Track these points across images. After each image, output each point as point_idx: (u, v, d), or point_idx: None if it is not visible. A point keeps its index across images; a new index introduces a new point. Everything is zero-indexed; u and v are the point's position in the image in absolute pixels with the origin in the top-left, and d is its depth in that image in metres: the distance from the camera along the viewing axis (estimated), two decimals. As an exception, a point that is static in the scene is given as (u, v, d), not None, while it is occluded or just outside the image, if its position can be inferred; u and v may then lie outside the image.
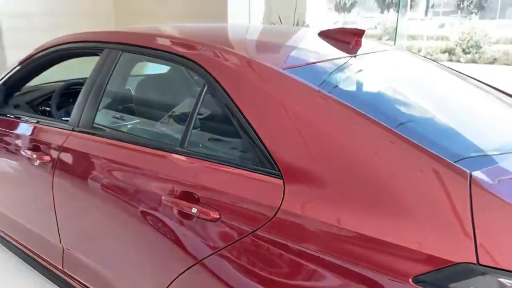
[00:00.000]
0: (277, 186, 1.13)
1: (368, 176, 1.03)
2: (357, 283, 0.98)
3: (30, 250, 2.12)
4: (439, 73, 1.76)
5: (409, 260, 0.93)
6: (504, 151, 1.16)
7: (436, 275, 0.89)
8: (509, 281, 0.84)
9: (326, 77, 1.36)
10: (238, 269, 1.16)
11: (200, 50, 1.41)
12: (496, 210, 0.92)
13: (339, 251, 1.01)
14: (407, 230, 0.95)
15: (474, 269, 0.86)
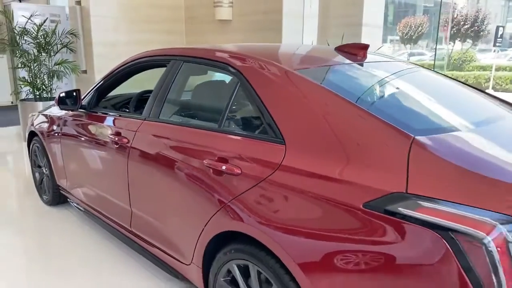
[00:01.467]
0: (280, 149, 1.59)
1: (342, 139, 1.46)
2: (331, 210, 1.39)
3: (107, 216, 2.72)
4: (420, 73, 2.15)
5: (362, 192, 1.33)
6: (449, 130, 1.52)
7: (379, 201, 1.29)
8: (422, 202, 1.21)
9: (322, 75, 1.82)
10: (252, 205, 1.62)
11: (233, 57, 1.95)
12: (425, 161, 1.30)
13: (317, 189, 1.43)
14: (364, 173, 1.36)
15: (404, 196, 1.25)
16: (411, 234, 1.21)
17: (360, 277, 1.32)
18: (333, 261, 1.37)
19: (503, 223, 1.11)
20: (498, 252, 1.10)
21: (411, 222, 1.21)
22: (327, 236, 1.39)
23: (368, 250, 1.29)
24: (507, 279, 1.09)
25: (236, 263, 1.74)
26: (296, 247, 1.46)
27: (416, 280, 1.21)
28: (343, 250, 1.35)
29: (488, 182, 1.20)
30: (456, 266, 1.13)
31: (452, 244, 1.14)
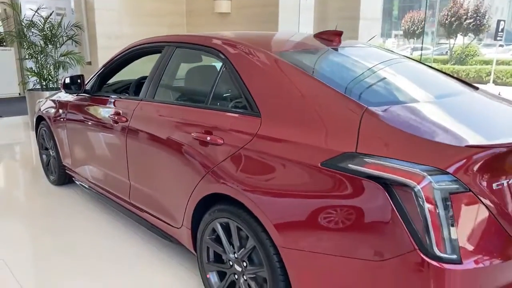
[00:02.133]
0: (257, 121, 1.83)
1: (306, 110, 1.69)
2: (295, 170, 1.62)
3: (108, 191, 2.98)
4: (387, 56, 2.38)
5: (320, 153, 1.56)
6: (400, 103, 1.75)
7: (334, 160, 1.52)
8: (368, 159, 1.44)
9: (295, 57, 2.05)
10: (232, 169, 1.86)
11: (216, 40, 2.19)
12: (373, 126, 1.53)
13: (285, 153, 1.66)
14: (322, 138, 1.59)
15: (354, 155, 1.48)
16: (359, 186, 1.44)
17: (320, 226, 1.55)
18: (297, 213, 1.61)
19: (431, 174, 1.34)
20: (426, 197, 1.32)
21: (359, 176, 1.44)
22: (292, 192, 1.62)
23: (327, 204, 1.53)
24: (433, 219, 1.32)
25: (219, 221, 1.98)
26: (268, 203, 1.70)
27: (364, 224, 1.44)
28: (305, 203, 1.59)
29: (421, 142, 1.43)
30: (393, 211, 1.36)
31: (390, 192, 1.37)
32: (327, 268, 1.56)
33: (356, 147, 1.50)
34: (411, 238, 1.34)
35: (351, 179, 1.46)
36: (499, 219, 1.38)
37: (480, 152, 1.36)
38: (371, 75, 2.02)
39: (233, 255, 1.96)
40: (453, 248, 1.32)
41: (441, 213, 1.32)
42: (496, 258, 1.38)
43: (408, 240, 1.34)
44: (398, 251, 1.36)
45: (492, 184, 1.38)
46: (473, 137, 1.49)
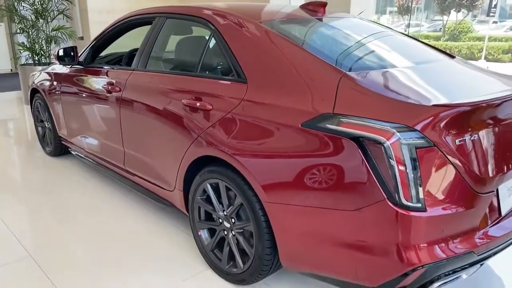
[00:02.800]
0: (243, 87, 1.94)
1: (289, 75, 1.80)
2: (278, 131, 1.75)
3: (103, 159, 3.10)
4: (368, 26, 2.49)
5: (301, 115, 1.68)
6: (377, 68, 1.87)
7: (313, 120, 1.64)
8: (344, 119, 1.57)
9: (280, 26, 2.15)
10: (220, 133, 1.98)
11: (210, 13, 2.27)
12: (350, 89, 1.65)
13: (269, 115, 1.79)
14: (303, 101, 1.71)
15: (331, 115, 1.61)
16: (336, 144, 1.57)
17: (302, 181, 1.69)
18: (280, 170, 1.75)
19: (400, 131, 1.47)
20: (395, 152, 1.46)
21: (336, 134, 1.57)
22: (276, 151, 1.76)
23: (308, 161, 1.66)
24: (400, 172, 1.46)
25: (209, 182, 2.12)
26: (253, 163, 1.83)
27: (341, 178, 1.58)
28: (288, 161, 1.72)
29: (392, 102, 1.55)
30: (366, 165, 1.50)
31: (364, 149, 1.51)
32: (307, 219, 1.71)
33: (333, 108, 1.62)
34: (382, 189, 1.48)
35: (329, 137, 1.59)
36: (461, 171, 1.52)
37: (445, 110, 1.49)
38: (352, 44, 2.14)
39: (222, 212, 2.10)
40: (418, 198, 1.47)
41: (408, 166, 1.46)
42: (456, 207, 1.53)
43: (379, 191, 1.48)
44: (370, 201, 1.51)
45: (455, 140, 1.52)
46: (440, 97, 1.62)
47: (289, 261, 1.85)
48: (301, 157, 1.68)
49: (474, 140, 1.57)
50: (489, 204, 1.64)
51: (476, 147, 1.58)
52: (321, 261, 1.73)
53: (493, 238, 1.65)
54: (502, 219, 1.72)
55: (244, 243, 2.01)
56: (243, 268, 2.03)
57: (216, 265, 2.20)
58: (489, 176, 1.61)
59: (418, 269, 1.50)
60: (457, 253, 1.54)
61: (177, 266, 2.29)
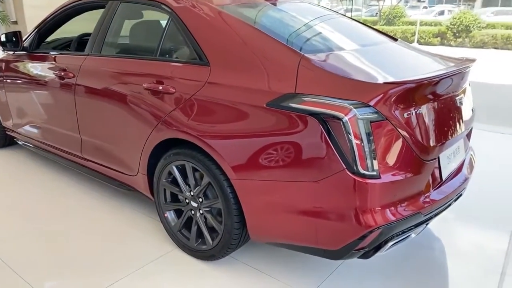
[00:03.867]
0: (206, 70, 2.00)
1: (251, 58, 1.89)
2: (242, 111, 1.84)
3: (57, 148, 3.02)
4: (320, 11, 2.65)
5: (265, 95, 1.79)
6: (332, 50, 2.02)
7: (277, 100, 1.75)
8: (306, 97, 1.70)
9: (239, 10, 2.23)
10: (184, 115, 2.04)
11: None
12: (309, 70, 1.77)
13: (234, 97, 1.87)
14: (266, 82, 1.81)
15: (293, 94, 1.73)
16: (299, 121, 1.70)
17: (268, 158, 1.80)
18: (247, 149, 1.85)
19: (356, 107, 1.62)
20: (352, 126, 1.61)
21: (298, 112, 1.69)
22: (242, 131, 1.85)
23: (273, 138, 1.77)
24: (357, 144, 1.62)
25: (175, 164, 2.18)
26: (221, 143, 1.92)
27: (305, 152, 1.71)
28: (254, 139, 1.82)
29: (348, 81, 1.70)
30: (327, 139, 1.64)
31: (324, 124, 1.65)
32: (274, 192, 1.83)
33: (295, 88, 1.74)
34: (341, 160, 1.63)
35: (293, 115, 1.71)
36: (408, 141, 1.71)
37: (394, 87, 1.66)
38: (306, 27, 2.26)
39: (189, 193, 2.17)
40: (373, 166, 1.64)
41: (364, 138, 1.62)
42: (406, 173, 1.72)
43: (339, 162, 1.63)
44: (332, 171, 1.66)
45: (403, 114, 1.70)
46: (389, 76, 1.79)
47: (257, 233, 1.97)
48: (266, 135, 1.79)
49: (418, 114, 1.76)
50: (432, 171, 1.86)
51: (421, 120, 1.78)
52: (287, 231, 1.87)
53: (436, 200, 1.87)
54: (443, 183, 1.96)
55: (213, 220, 2.10)
56: (213, 244, 2.12)
57: (184, 244, 2.27)
58: (432, 145, 1.82)
59: (375, 231, 1.68)
60: (407, 215, 1.74)
61: (144, 249, 2.33)
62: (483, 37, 16.58)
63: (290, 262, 2.21)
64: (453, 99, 2.00)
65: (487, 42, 16.46)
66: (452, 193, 1.98)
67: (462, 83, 2.09)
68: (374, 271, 2.16)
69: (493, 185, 3.20)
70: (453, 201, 2.05)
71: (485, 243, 2.42)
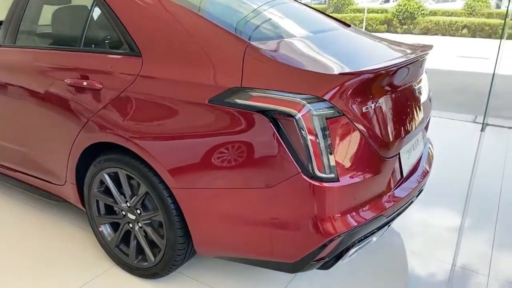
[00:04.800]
0: (138, 61, 1.72)
1: (190, 47, 1.63)
2: (181, 110, 1.59)
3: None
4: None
5: (207, 90, 1.54)
6: (280, 37, 1.81)
7: (221, 95, 1.52)
8: (253, 92, 1.47)
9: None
10: (117, 114, 1.75)
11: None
12: (256, 60, 1.55)
13: (171, 93, 1.61)
14: (208, 75, 1.57)
15: (239, 89, 1.49)
16: (246, 119, 1.47)
17: (213, 163, 1.56)
18: (188, 153, 1.60)
19: (310, 102, 1.42)
20: (306, 124, 1.41)
21: (246, 109, 1.47)
22: (182, 133, 1.60)
23: (217, 140, 1.53)
24: (313, 144, 1.42)
25: (107, 172, 1.89)
26: (157, 146, 1.65)
27: (254, 155, 1.49)
28: (196, 142, 1.58)
29: (300, 73, 1.49)
30: (279, 140, 1.43)
31: (275, 123, 1.43)
32: (221, 201, 1.60)
33: (241, 81, 1.51)
34: (295, 163, 1.43)
35: (239, 113, 1.48)
36: (368, 138, 1.54)
37: (351, 78, 1.48)
38: (252, 13, 2.02)
39: (125, 204, 1.90)
40: (331, 168, 1.45)
41: (320, 137, 1.42)
42: (366, 173, 1.55)
43: (293, 165, 1.43)
44: (285, 176, 1.45)
45: (361, 108, 1.52)
46: (344, 66, 1.61)
47: (204, 247, 1.74)
48: (209, 136, 1.55)
49: (377, 107, 1.59)
50: (393, 168, 1.71)
51: (380, 114, 1.61)
52: (238, 243, 1.66)
53: (398, 199, 1.73)
54: (404, 181, 1.82)
55: (154, 235, 1.85)
56: (155, 261, 1.87)
57: (123, 261, 1.99)
58: (392, 141, 1.66)
59: (335, 239, 1.50)
60: (369, 219, 1.57)
61: (80, 267, 2.03)
62: (427, 23, 17.14)
63: (243, 276, 2.00)
64: (411, 89, 1.86)
65: (430, 29, 17.04)
66: (414, 190, 1.84)
67: (420, 71, 1.95)
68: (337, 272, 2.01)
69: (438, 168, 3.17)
70: (415, 198, 1.92)
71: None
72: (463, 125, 4.50)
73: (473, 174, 3.17)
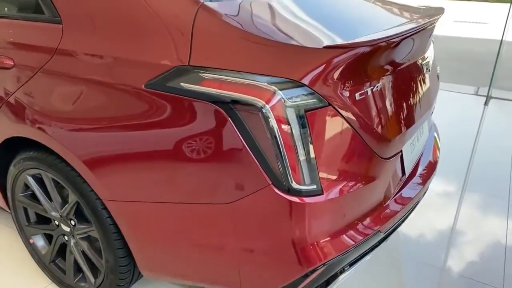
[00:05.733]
0: (57, 30, 1.28)
1: (123, 8, 1.19)
2: (112, 96, 1.17)
3: None
4: None
5: (144, 70, 1.12)
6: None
7: (161, 78, 1.09)
8: (205, 73, 1.06)
9: None
10: (32, 101, 1.33)
11: None
12: (211, 28, 1.11)
13: (98, 73, 1.19)
14: (145, 49, 1.14)
15: (186, 69, 1.07)
16: (195, 111, 1.07)
17: (152, 169, 1.17)
18: (122, 154, 1.20)
19: (282, 88, 1.01)
20: (277, 119, 1.01)
21: (193, 97, 1.06)
22: (112, 128, 1.19)
23: (156, 140, 1.13)
24: (287, 146, 1.02)
25: (29, 173, 1.48)
26: (82, 145, 1.25)
27: (205, 160, 1.09)
28: (131, 141, 1.17)
29: (270, 46, 1.07)
30: (239, 140, 1.03)
31: (234, 117, 1.03)
32: (166, 219, 1.22)
33: (189, 58, 1.09)
34: (264, 171, 1.04)
35: (185, 103, 1.07)
36: (363, 135, 1.15)
37: (341, 53, 1.06)
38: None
39: (57, 213, 1.51)
40: (313, 178, 1.07)
41: (297, 136, 1.03)
42: (361, 182, 1.17)
43: (260, 174, 1.04)
44: (250, 188, 1.06)
45: (355, 94, 1.12)
46: (332, 36, 1.18)
47: (151, 271, 1.36)
48: (146, 133, 1.14)
49: (376, 93, 1.19)
50: (394, 169, 1.32)
51: (378, 102, 1.21)
52: (196, 271, 1.28)
53: (399, 208, 1.36)
54: (406, 183, 1.44)
55: (91, 253, 1.47)
56: (95, 283, 1.50)
57: (60, 279, 1.62)
58: (396, 135, 1.27)
59: (319, 268, 1.14)
60: (362, 238, 1.20)
61: (13, 285, 1.66)
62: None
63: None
64: (417, 65, 1.45)
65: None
66: (418, 193, 1.47)
67: (428, 42, 1.54)
68: None
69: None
70: (421, 198, 1.56)
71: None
72: (465, 98, 4.12)
73: (474, 152, 2.81)
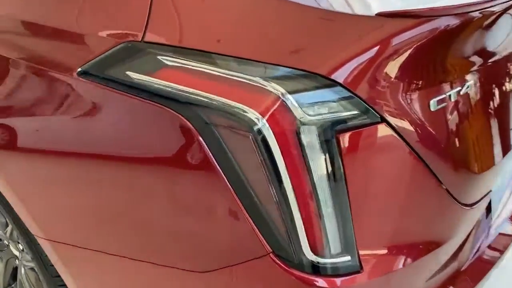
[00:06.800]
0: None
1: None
2: (43, 87, 0.77)
3: None
4: None
5: (80, 51, 0.71)
6: None
7: (100, 63, 0.67)
8: (166, 58, 0.62)
9: None
10: None
11: None
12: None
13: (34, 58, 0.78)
14: (79, 16, 0.72)
15: (138, 48, 0.64)
16: (148, 117, 0.64)
17: (93, 203, 0.77)
18: (52, 176, 0.81)
19: (295, 90, 0.55)
20: (281, 144, 0.56)
21: (145, 96, 0.62)
22: (38, 136, 0.80)
23: (94, 159, 0.73)
24: (299, 191, 0.57)
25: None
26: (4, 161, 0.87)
27: (164, 199, 0.68)
28: (64, 155, 0.78)
29: (282, 11, 0.60)
30: (217, 176, 0.59)
31: (207, 135, 0.59)
32: (117, 277, 0.82)
33: (144, 30, 0.64)
34: (259, 232, 0.60)
35: (134, 104, 0.64)
36: (438, 171, 0.66)
37: (408, 28, 0.58)
38: None
39: (2, 232, 1.16)
40: (346, 244, 0.61)
41: (318, 176, 0.57)
42: (427, 244, 0.69)
43: (253, 237, 0.60)
44: (235, 256, 0.63)
45: (429, 102, 0.63)
46: (391, 1, 0.69)
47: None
48: (79, 146, 0.74)
49: (463, 99, 0.70)
50: (478, 219, 0.83)
51: (463, 116, 0.71)
52: None
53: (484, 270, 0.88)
54: (490, 229, 0.95)
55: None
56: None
57: (15, 308, 1.30)
58: (487, 167, 0.77)
59: None
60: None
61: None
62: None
63: None
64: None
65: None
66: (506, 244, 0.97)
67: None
68: None
69: None
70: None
71: None
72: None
73: None
